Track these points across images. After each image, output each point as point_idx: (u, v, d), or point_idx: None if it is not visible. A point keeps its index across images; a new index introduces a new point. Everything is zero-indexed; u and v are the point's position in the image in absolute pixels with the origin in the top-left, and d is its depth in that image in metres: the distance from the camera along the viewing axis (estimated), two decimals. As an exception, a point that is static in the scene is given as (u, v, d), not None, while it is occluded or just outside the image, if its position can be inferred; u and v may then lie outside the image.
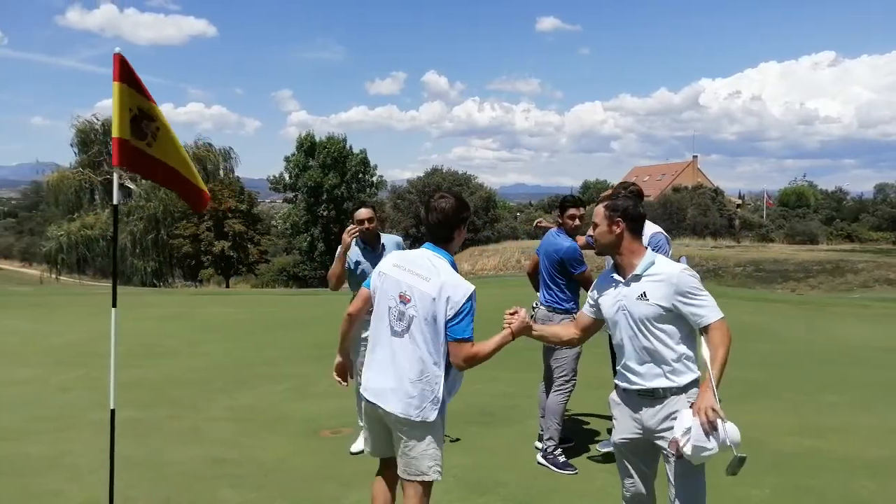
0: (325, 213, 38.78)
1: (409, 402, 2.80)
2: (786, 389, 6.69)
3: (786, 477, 4.44)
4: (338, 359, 3.33)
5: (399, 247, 4.91)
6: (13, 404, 6.16)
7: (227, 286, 36.92)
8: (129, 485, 4.21)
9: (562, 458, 4.66)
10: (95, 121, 36.24)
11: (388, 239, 4.98)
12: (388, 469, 3.07)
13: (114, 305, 3.68)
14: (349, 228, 4.76)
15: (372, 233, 4.85)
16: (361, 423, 3.92)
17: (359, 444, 4.62)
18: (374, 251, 4.88)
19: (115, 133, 3.55)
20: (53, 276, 34.94)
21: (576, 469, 4.60)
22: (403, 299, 2.86)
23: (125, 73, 3.53)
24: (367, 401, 2.93)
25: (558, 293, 4.86)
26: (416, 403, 2.80)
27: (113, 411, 3.76)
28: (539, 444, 4.89)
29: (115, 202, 3.71)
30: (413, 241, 48.35)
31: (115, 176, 3.74)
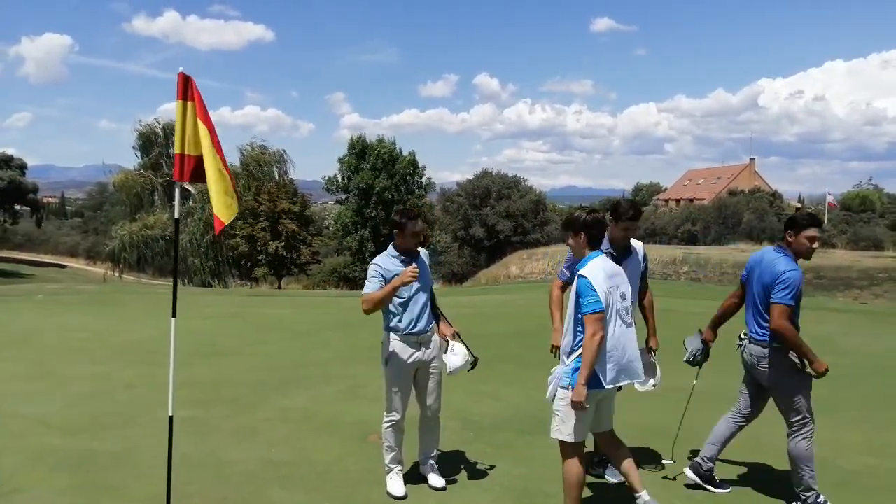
0: (373, 215, 39.19)
1: None
2: (850, 405, 6.46)
3: (852, 496, 4.30)
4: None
5: (429, 258, 4.63)
6: (83, 400, 6.44)
7: (280, 286, 37.67)
8: (187, 482, 4.37)
9: None
10: (157, 124, 37.44)
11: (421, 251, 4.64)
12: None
13: (174, 316, 3.81)
14: (411, 270, 4.19)
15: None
16: (393, 466, 4.43)
17: (397, 486, 4.42)
18: (407, 263, 4.38)
19: (177, 149, 3.74)
20: (117, 274, 36.25)
21: None
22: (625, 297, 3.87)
23: (189, 92, 3.71)
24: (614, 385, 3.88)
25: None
26: None
27: (171, 418, 3.92)
28: (690, 474, 4.55)
29: (176, 216, 3.92)
30: (461, 244, 48.52)
31: (177, 190, 3.91)
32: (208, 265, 35.18)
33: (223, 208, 3.73)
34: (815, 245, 4.06)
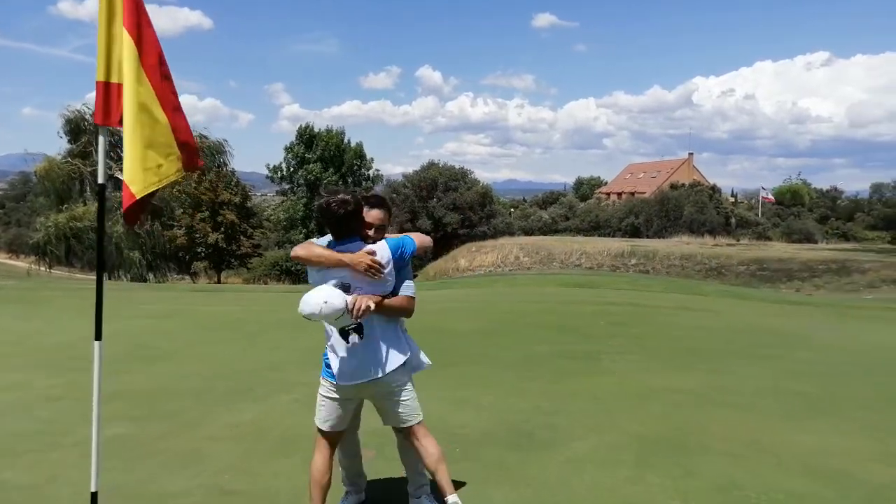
0: (320, 207, 38.14)
1: None
2: (847, 405, 6.09)
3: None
4: None
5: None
6: (-10, 418, 5.48)
7: (219, 279, 36.16)
8: (121, 525, 3.57)
9: None
10: (86, 110, 35.33)
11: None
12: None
13: (97, 338, 2.94)
14: (368, 259, 3.32)
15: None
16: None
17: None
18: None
19: (99, 75, 2.76)
20: (43, 268, 34.04)
21: None
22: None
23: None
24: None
25: None
26: None
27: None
28: None
29: (100, 179, 2.87)
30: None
31: (100, 142, 2.85)
32: (147, 258, 33.41)
33: (139, 171, 2.68)
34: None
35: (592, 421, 5.49)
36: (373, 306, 3.26)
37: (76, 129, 35.29)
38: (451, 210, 45.68)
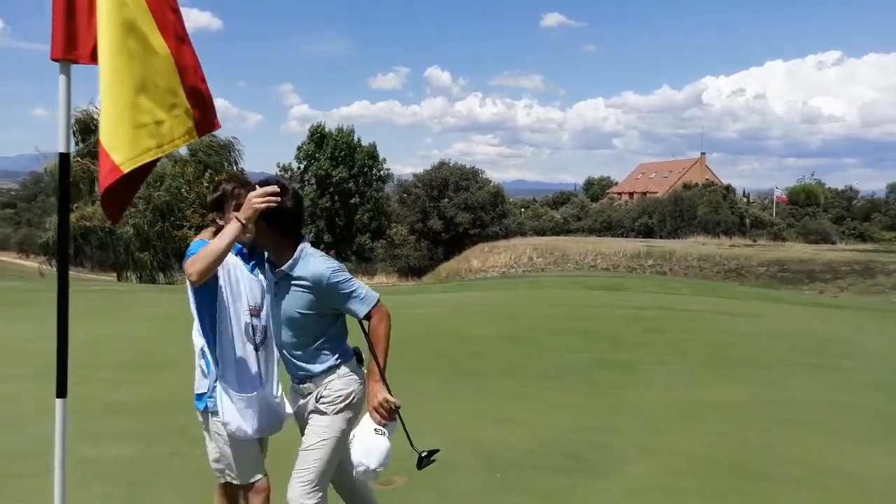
0: (328, 205, 37.78)
1: None
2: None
3: None
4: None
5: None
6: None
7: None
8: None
9: None
10: (95, 110, 35.16)
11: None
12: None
13: (59, 395, 2.24)
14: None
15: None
16: None
17: None
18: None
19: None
20: (54, 268, 33.81)
21: None
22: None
23: None
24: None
25: None
26: None
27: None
28: None
29: (60, 148, 2.05)
30: (419, 237, 47.36)
31: (62, 84, 1.96)
32: (158, 259, 33.10)
33: (126, 131, 1.81)
34: None
35: (643, 440, 4.97)
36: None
37: (85, 128, 35.06)
38: (462, 210, 45.15)
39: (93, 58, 1.91)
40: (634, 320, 10.68)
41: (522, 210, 64.29)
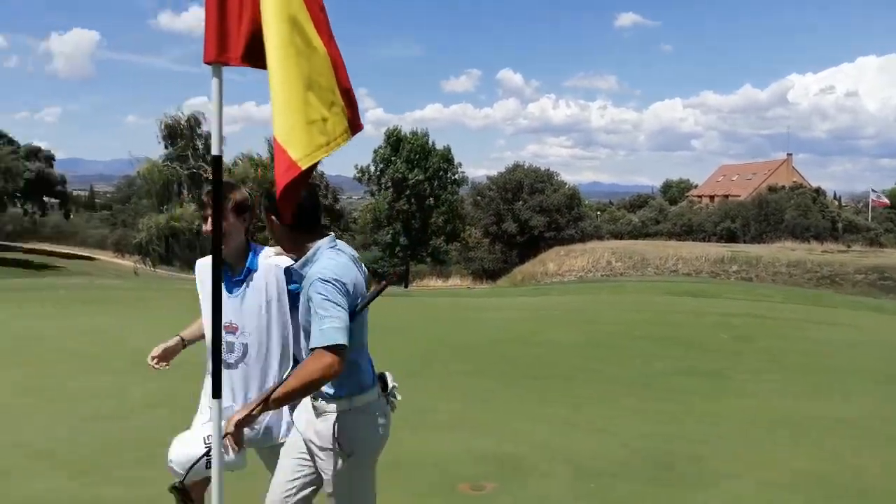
0: (406, 208, 38.21)
1: None
2: None
3: None
4: None
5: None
6: (89, 424, 5.26)
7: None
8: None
9: None
10: (181, 116, 36.88)
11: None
12: None
13: (216, 395, 2.26)
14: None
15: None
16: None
17: None
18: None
19: None
20: (149, 267, 35.61)
21: None
22: None
23: None
24: None
25: None
26: None
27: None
28: None
29: (213, 151, 2.07)
30: (493, 239, 47.26)
31: (214, 87, 1.99)
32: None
33: (301, 127, 1.80)
34: None
35: (742, 452, 4.73)
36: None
37: (173, 133, 36.85)
38: (537, 212, 44.73)
39: (243, 59, 1.94)
40: (722, 327, 10.26)
41: (599, 213, 63.12)
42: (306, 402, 2.41)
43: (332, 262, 2.22)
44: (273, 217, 2.27)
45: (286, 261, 2.63)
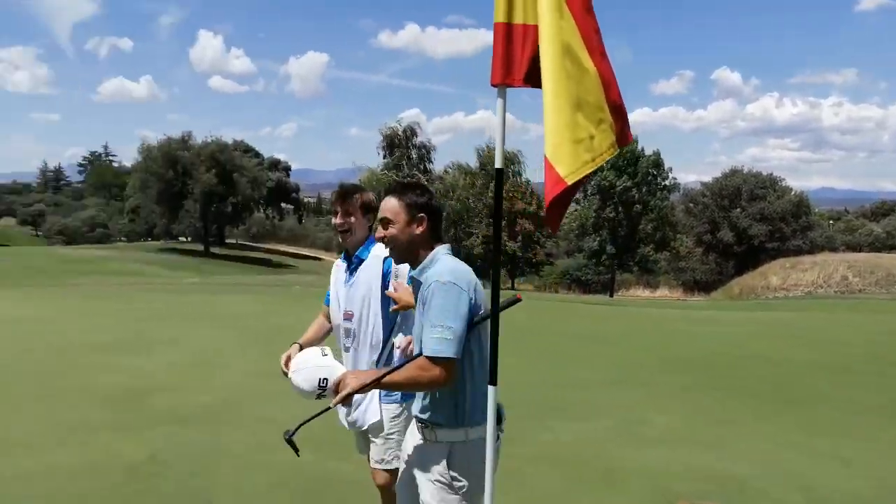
0: (612, 216, 37.31)
1: None
2: None
3: None
4: None
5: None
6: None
7: (513, 286, 37.32)
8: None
9: None
10: (398, 126, 39.48)
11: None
12: None
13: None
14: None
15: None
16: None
17: None
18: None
19: (498, 16, 2.10)
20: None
21: None
22: None
23: None
24: None
25: None
26: None
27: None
28: None
29: (497, 164, 2.24)
30: (706, 249, 44.34)
31: (500, 107, 2.14)
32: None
33: (567, 146, 1.96)
34: None
35: None
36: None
37: (390, 144, 39.57)
38: (757, 221, 41.20)
39: (525, 81, 2.15)
40: None
41: (831, 222, 56.58)
42: (413, 428, 2.35)
43: (449, 266, 2.19)
44: (416, 223, 2.25)
45: (386, 252, 2.59)
